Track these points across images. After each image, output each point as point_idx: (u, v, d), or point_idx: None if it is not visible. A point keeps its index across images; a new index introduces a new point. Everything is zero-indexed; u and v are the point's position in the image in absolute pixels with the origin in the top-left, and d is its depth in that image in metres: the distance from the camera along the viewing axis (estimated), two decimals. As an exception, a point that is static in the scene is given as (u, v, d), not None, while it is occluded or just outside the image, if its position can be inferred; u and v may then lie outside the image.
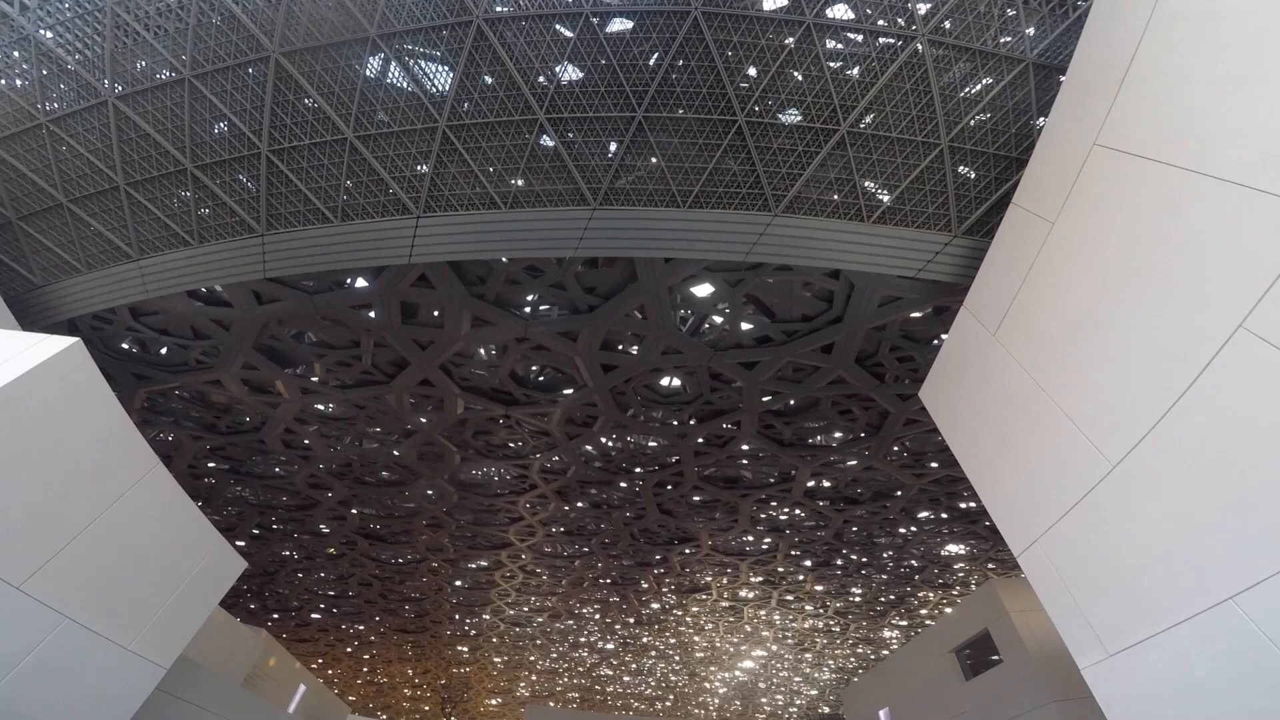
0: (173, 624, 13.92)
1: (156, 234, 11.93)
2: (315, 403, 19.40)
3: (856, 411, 18.84)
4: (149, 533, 12.92)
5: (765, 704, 57.42)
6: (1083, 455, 8.12)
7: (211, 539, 15.15)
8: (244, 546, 31.18)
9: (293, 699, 38.34)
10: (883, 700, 34.63)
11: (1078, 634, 8.77)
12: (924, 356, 15.89)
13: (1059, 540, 8.85)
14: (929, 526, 25.97)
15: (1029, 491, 9.44)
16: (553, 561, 30.82)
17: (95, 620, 11.69)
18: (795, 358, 16.42)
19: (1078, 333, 8.14)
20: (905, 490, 22.88)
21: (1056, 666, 22.09)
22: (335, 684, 57.90)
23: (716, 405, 18.78)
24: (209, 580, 15.21)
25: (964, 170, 10.98)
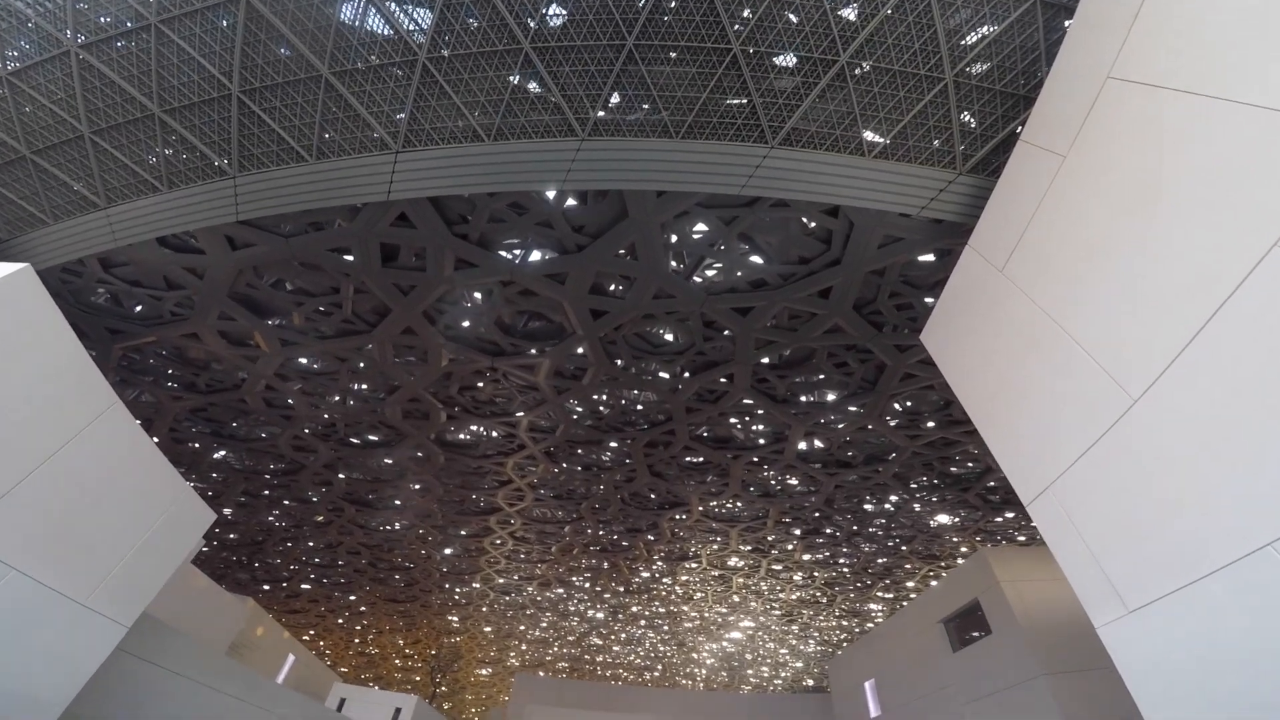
0: (134, 579, 13.24)
1: (124, 181, 11.43)
2: (295, 355, 18.87)
3: (853, 364, 18.42)
4: (107, 477, 12.24)
5: (751, 675, 57.68)
6: (1100, 391, 7.60)
7: (177, 486, 14.43)
8: (231, 515, 30.82)
9: (281, 669, 37.99)
10: (868, 672, 34.68)
11: (1093, 589, 8.16)
12: (924, 304, 15.46)
13: (1073, 486, 8.29)
14: (920, 494, 25.67)
15: (1040, 434, 8.91)
16: (542, 528, 30.50)
17: (46, 573, 11.07)
18: (791, 303, 15.96)
19: (1094, 263, 7.75)
20: (899, 454, 22.54)
21: (1047, 638, 22.06)
22: (327, 655, 57.85)
23: (709, 356, 18.34)
24: (174, 532, 14.45)
25: (969, 107, 10.53)
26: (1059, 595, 23.17)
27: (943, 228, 13.12)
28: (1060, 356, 8.27)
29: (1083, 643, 21.77)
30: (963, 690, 25.54)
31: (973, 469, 24.11)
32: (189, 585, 26.69)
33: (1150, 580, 7.23)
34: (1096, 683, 20.74)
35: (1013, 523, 28.39)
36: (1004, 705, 23.06)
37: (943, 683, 27.05)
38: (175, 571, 24.46)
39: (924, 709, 28.38)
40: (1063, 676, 21.24)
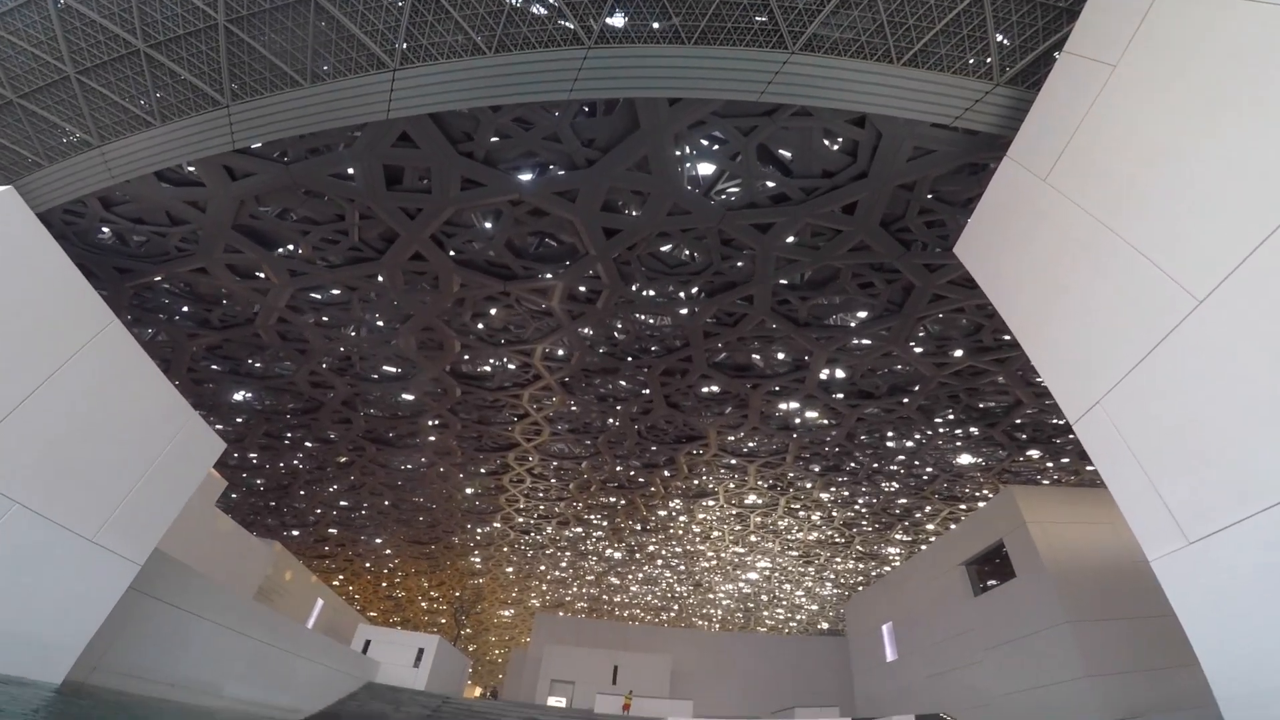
0: (143, 513, 12.88)
1: (115, 118, 11.14)
2: (305, 286, 18.62)
3: (879, 284, 17.79)
4: (108, 402, 11.83)
5: (767, 617, 58.14)
6: (1159, 294, 7.09)
7: (183, 413, 13.97)
8: (255, 459, 31.08)
9: (311, 613, 38.53)
10: (886, 615, 34.54)
11: (1148, 517, 7.53)
12: (956, 221, 14.73)
13: (1127, 399, 7.71)
14: (945, 429, 25.12)
15: (1089, 344, 8.40)
16: (560, 464, 30.44)
17: (51, 507, 10.75)
18: (814, 219, 15.34)
19: (1153, 169, 7.33)
20: (924, 384, 21.96)
21: (1073, 584, 21.62)
22: (356, 600, 59.11)
23: (727, 276, 17.79)
24: (182, 462, 13.99)
25: (1006, 18, 9.87)
26: (1088, 538, 22.76)
27: (977, 141, 12.49)
28: (1112, 261, 7.85)
29: (1110, 590, 21.40)
30: (982, 635, 25.27)
31: (1000, 403, 23.46)
32: (214, 529, 26.81)
33: (1214, 508, 6.58)
34: (1121, 633, 20.42)
35: (1038, 463, 27.75)
36: (1024, 652, 22.76)
37: (962, 627, 26.77)
38: (200, 515, 24.93)
39: (942, 653, 28.25)
40: (1087, 625, 20.83)
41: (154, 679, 15.93)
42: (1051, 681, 21.23)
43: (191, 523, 23.44)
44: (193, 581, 17.95)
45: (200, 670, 18.03)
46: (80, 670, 13.51)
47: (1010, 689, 23.18)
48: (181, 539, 21.21)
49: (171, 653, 16.76)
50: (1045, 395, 22.23)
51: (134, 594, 14.79)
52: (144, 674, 15.68)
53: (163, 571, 16.23)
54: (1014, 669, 23.18)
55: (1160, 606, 20.58)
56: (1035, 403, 22.63)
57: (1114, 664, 19.96)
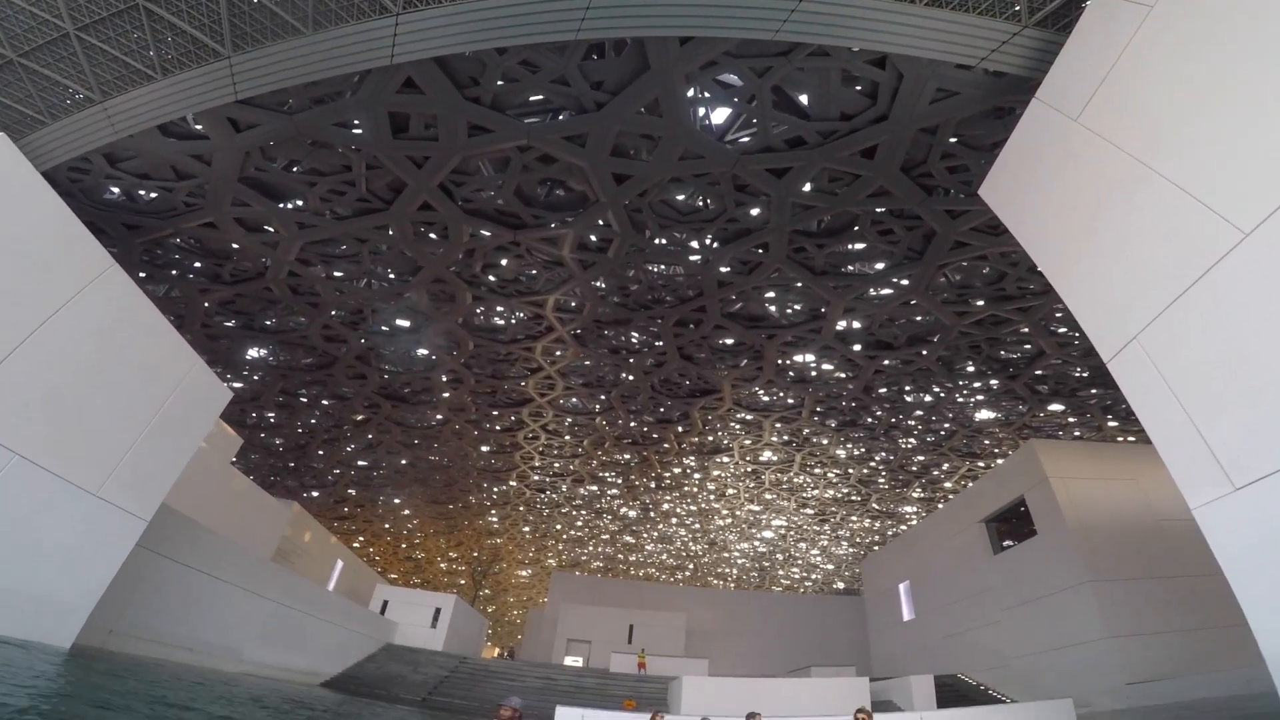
0: (149, 466, 12.57)
1: (116, 73, 10.95)
2: (314, 239, 18.46)
3: (899, 231, 17.35)
4: (109, 350, 11.55)
5: (782, 576, 58.36)
6: (1201, 228, 6.87)
7: (188, 360, 13.66)
8: (274, 418, 31.22)
9: (332, 575, 38.70)
10: (903, 574, 34.37)
11: (1190, 461, 7.16)
12: (979, 166, 14.28)
13: (1166, 335, 7.40)
14: (964, 381, 24.68)
15: (1124, 280, 8.17)
16: (574, 419, 30.36)
17: (52, 459, 10.51)
18: (832, 163, 14.89)
19: (1195, 107, 7.19)
20: (944, 334, 21.51)
21: (1095, 542, 21.13)
22: (377, 561, 59.90)
23: (742, 224, 17.39)
24: (189, 411, 13.67)
25: None
26: (1111, 495, 22.21)
27: (1003, 83, 12.06)
28: (1149, 198, 7.66)
29: (1134, 549, 20.93)
30: (1002, 595, 24.92)
31: (1022, 354, 22.99)
32: (230, 488, 26.80)
33: (1262, 451, 6.20)
34: (1144, 594, 19.99)
35: (1060, 418, 27.28)
36: (1044, 612, 22.37)
37: (981, 586, 26.45)
38: (215, 473, 24.99)
39: (960, 613, 27.98)
40: (1109, 584, 20.38)
41: (171, 642, 15.99)
42: (1072, 642, 20.89)
43: (207, 481, 23.57)
44: (209, 542, 17.93)
45: (218, 633, 18.06)
46: (96, 634, 13.59)
47: (1030, 650, 22.90)
48: (197, 498, 21.32)
49: (188, 615, 16.76)
50: (1069, 345, 21.76)
51: (148, 554, 14.90)
52: (160, 637, 15.73)
53: (178, 531, 16.29)
54: (1034, 629, 22.85)
55: (1184, 566, 20.15)
56: (1059, 353, 22.17)
57: (1136, 625, 19.60)
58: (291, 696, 14.45)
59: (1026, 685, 22.44)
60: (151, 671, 11.50)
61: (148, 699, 8.23)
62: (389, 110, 13.95)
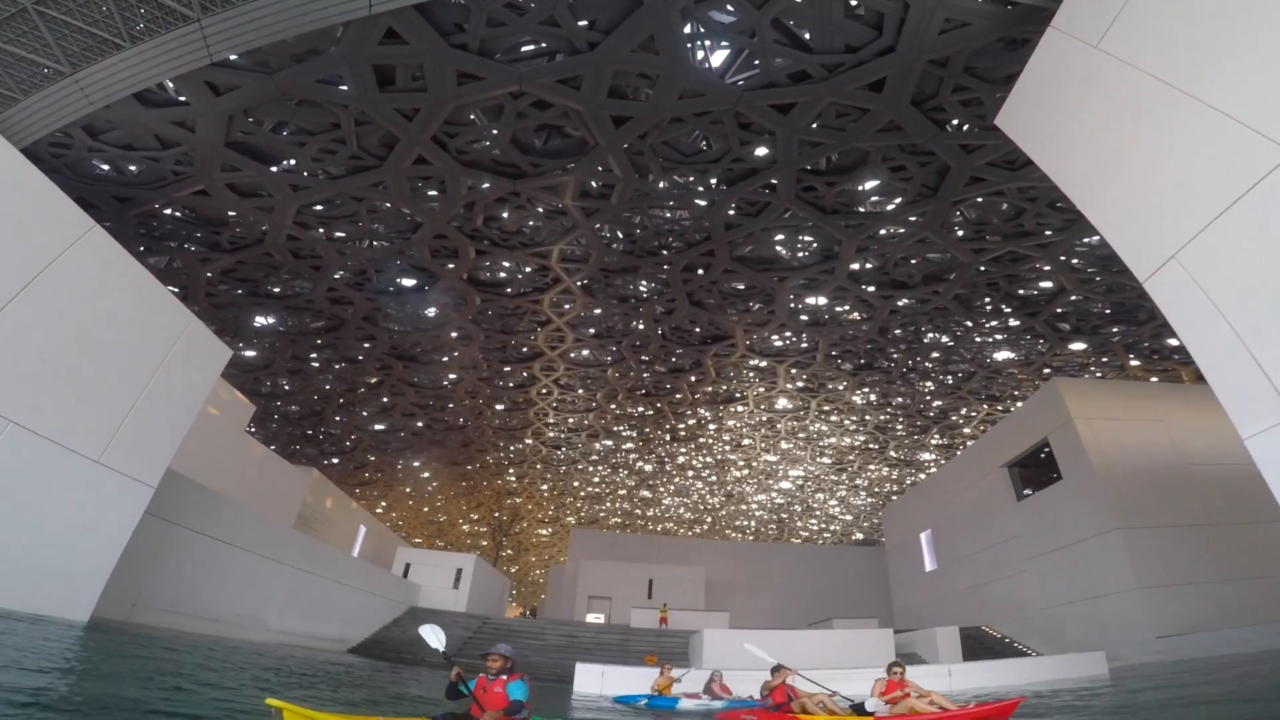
0: (150, 429, 12.27)
1: (84, 44, 10.54)
2: (310, 200, 18.12)
3: (911, 168, 16.72)
4: (98, 311, 11.21)
5: (800, 528, 58.45)
6: (1242, 147, 6.68)
7: (183, 319, 13.27)
8: (286, 385, 31.19)
9: (355, 540, 38.78)
10: (924, 522, 33.46)
11: (1240, 384, 6.83)
12: (993, 99, 13.58)
13: (1209, 252, 7.09)
14: (983, 320, 24.05)
15: (1158, 201, 7.95)
16: (586, 372, 30.09)
17: (49, 425, 10.24)
18: (839, 98, 14.26)
19: (1227, 28, 7.02)
20: (961, 271, 20.87)
21: (1123, 487, 20.26)
22: (400, 526, 60.56)
23: (747, 163, 16.79)
24: (187, 371, 13.32)
25: None
26: (1138, 437, 21.29)
27: (1014, 13, 11.57)
28: (1182, 119, 7.46)
29: (1163, 495, 20.06)
30: (1026, 543, 24.10)
31: (1041, 293, 22.31)
32: (246, 456, 26.62)
33: None
34: (1175, 542, 19.20)
35: (1082, 357, 26.58)
36: (1071, 561, 21.56)
37: (1005, 534, 25.63)
38: (230, 441, 24.85)
39: (983, 563, 27.22)
40: (1139, 532, 19.44)
41: (195, 614, 15.95)
42: (1100, 593, 20.10)
43: (223, 450, 23.45)
44: (227, 510, 17.78)
45: (242, 603, 17.99)
46: (119, 608, 13.57)
47: (1056, 601, 22.16)
48: (213, 467, 21.25)
49: (211, 586, 16.69)
50: (1090, 282, 21.11)
51: (165, 525, 14.82)
52: (185, 609, 15.66)
53: (195, 501, 16.18)
54: (1060, 580, 22.09)
55: (1215, 514, 19.41)
56: (1080, 289, 21.50)
57: (1166, 576, 18.78)
58: (314, 665, 14.40)
59: (1052, 638, 21.83)
60: (184, 646, 11.37)
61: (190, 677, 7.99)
62: (373, 63, 13.52)
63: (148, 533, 13.84)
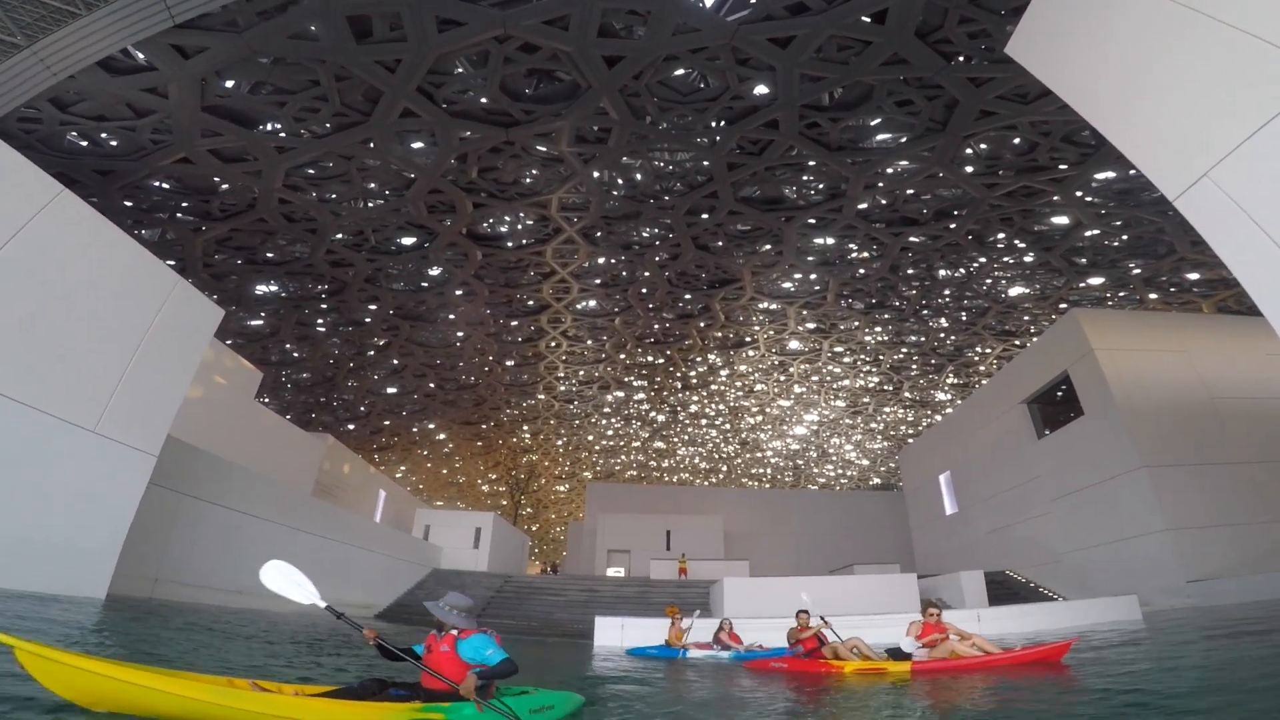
0: (145, 396, 11.85)
1: (35, 14, 10.09)
2: (298, 162, 17.70)
3: (919, 102, 16.05)
4: (76, 277, 10.74)
5: (817, 474, 58.46)
6: (1273, 68, 6.31)
7: (169, 281, 12.67)
8: (295, 352, 31.05)
9: (376, 506, 38.49)
10: (943, 464, 32.54)
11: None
12: (1002, 31, 12.94)
13: (1245, 168, 6.74)
14: (997, 255, 23.36)
15: (1186, 120, 7.60)
16: (593, 322, 29.79)
17: (39, 395, 9.86)
18: (840, 30, 13.63)
19: None
20: (973, 207, 20.18)
21: (1148, 422, 19.30)
22: (421, 490, 61.08)
23: (747, 101, 16.12)
24: (177, 334, 12.77)
25: None
26: (1162, 369, 20.31)
27: None
28: (1208, 42, 7.03)
29: (1189, 431, 19.15)
30: (1049, 484, 23.16)
31: (1057, 228, 21.57)
32: (258, 424, 26.14)
33: None
34: (1202, 481, 18.32)
35: (1099, 291, 25.83)
36: (1096, 502, 20.64)
37: (1026, 475, 24.65)
38: (240, 410, 24.50)
39: (1005, 505, 26.29)
40: (1165, 470, 18.46)
41: (218, 586, 15.77)
42: (1127, 535, 19.30)
43: (233, 419, 23.10)
44: (242, 479, 17.57)
45: None
46: (140, 584, 13.39)
47: (1081, 544, 21.39)
48: (225, 437, 20.95)
49: (231, 557, 16.41)
50: (1109, 216, 20.39)
51: (179, 497, 14.65)
52: (207, 582, 15.50)
53: (208, 471, 16.00)
54: (1085, 522, 21.20)
55: (1242, 451, 18.47)
56: (1097, 224, 20.73)
57: (1196, 516, 17.89)
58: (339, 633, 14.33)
59: (1079, 582, 21.10)
60: (199, 623, 11.09)
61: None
62: (347, 15, 12.97)
63: (161, 506, 13.68)
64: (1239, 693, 5.09)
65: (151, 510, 12.91)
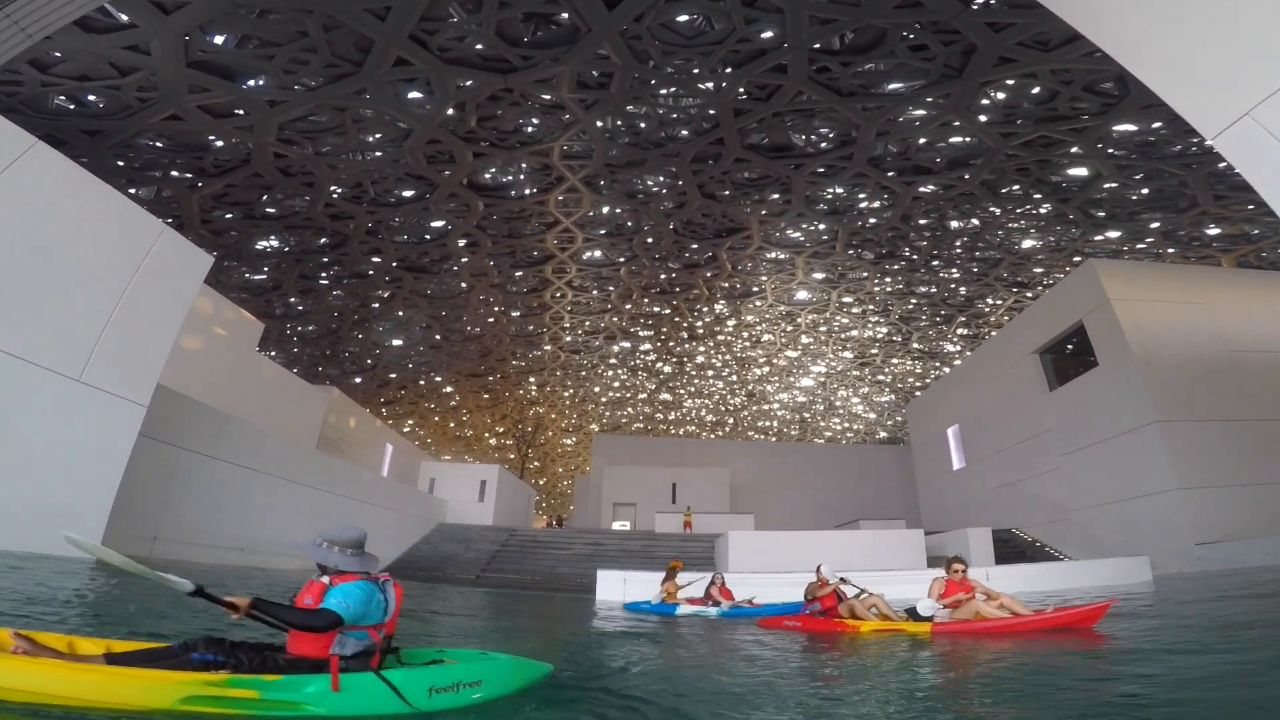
0: (132, 344, 11.49)
1: None
2: (290, 116, 17.28)
3: (934, 47, 15.39)
4: (54, 226, 10.36)
5: (824, 428, 58.33)
6: None
7: (152, 228, 12.22)
8: (298, 305, 30.77)
9: (383, 460, 38.06)
10: (951, 417, 32.01)
11: None
12: None
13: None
14: (1011, 206, 22.70)
15: (1226, 60, 7.25)
16: (598, 272, 29.38)
17: (19, 343, 9.56)
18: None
19: None
20: (989, 157, 19.51)
21: (1163, 375, 18.66)
22: (429, 444, 61.20)
23: (754, 44, 15.45)
24: (164, 281, 12.34)
25: None
26: (1179, 321, 19.62)
27: None
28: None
29: (1206, 386, 18.59)
30: (1060, 438, 22.59)
31: (1072, 180, 20.87)
32: (260, 376, 25.55)
33: None
34: (1218, 438, 17.77)
35: (1115, 244, 25.12)
36: (1107, 458, 20.13)
37: (1036, 428, 24.07)
38: (241, 361, 23.94)
39: (1014, 460, 25.72)
40: (1180, 425, 17.88)
41: (220, 544, 15.57)
42: (1138, 494, 18.74)
43: (234, 371, 22.68)
44: (241, 433, 17.23)
45: (267, 529, 17.52)
46: (139, 543, 13.10)
47: (1089, 502, 20.89)
48: (225, 389, 20.49)
49: (232, 513, 16.28)
50: (1130, 169, 19.71)
51: (176, 451, 14.39)
52: (208, 540, 15.26)
53: (206, 424, 15.72)
54: (1095, 478, 20.68)
55: (1261, 408, 17.62)
56: (1117, 176, 20.05)
57: (1209, 475, 17.35)
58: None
59: (1086, 541, 20.68)
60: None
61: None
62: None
63: (158, 461, 13.51)
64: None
65: (148, 465, 12.73)
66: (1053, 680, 4.71)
